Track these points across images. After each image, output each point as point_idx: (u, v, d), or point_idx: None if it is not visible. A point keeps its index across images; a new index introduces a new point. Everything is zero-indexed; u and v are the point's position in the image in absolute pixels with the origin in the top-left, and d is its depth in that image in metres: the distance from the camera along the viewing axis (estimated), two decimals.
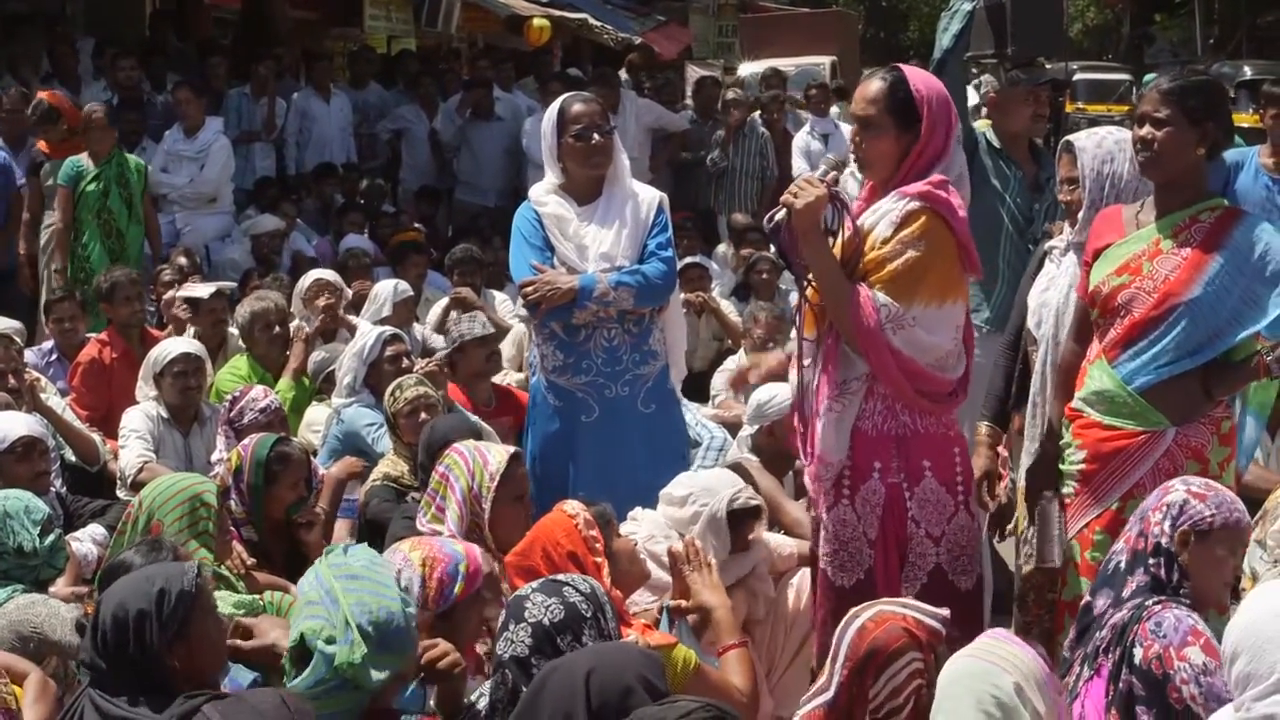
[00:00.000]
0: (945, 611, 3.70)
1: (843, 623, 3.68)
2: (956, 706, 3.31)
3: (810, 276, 4.44)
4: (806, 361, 4.53)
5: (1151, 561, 3.90)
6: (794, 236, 4.40)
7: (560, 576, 3.67)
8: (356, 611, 3.39)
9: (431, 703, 3.74)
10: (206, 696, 3.34)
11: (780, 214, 4.40)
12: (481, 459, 4.80)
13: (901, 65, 4.55)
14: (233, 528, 5.07)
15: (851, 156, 4.78)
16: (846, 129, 10.00)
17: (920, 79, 4.45)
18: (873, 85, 4.46)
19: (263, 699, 3.29)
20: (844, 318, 4.35)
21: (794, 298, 4.95)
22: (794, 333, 4.66)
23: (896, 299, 4.30)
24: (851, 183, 7.67)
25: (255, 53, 13.32)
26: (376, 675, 3.37)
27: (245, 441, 5.47)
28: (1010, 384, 5.29)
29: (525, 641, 3.42)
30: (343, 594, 3.43)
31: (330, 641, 3.37)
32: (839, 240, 4.40)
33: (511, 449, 4.94)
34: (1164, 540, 3.89)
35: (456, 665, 3.66)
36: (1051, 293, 5.05)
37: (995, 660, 3.33)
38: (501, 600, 4.00)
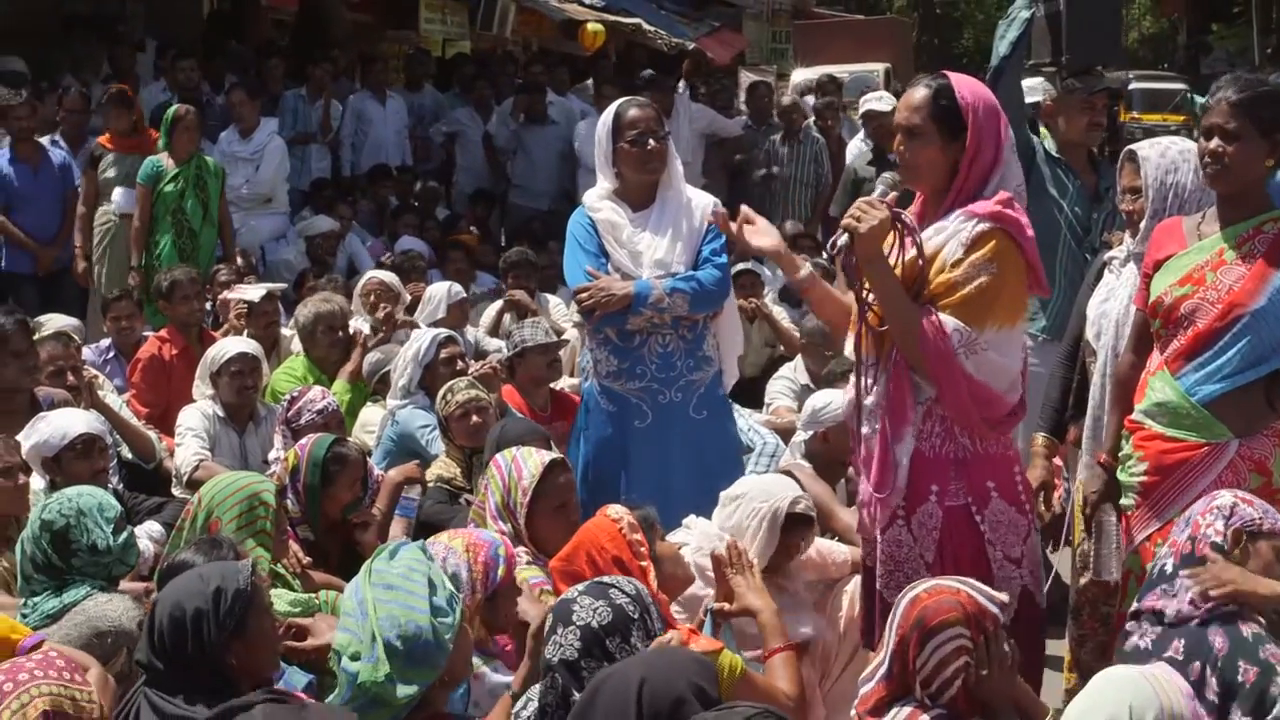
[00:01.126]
0: (1004, 596, 3.71)
1: (900, 595, 3.78)
2: (1097, 703, 3.37)
3: (871, 300, 4.35)
4: (867, 382, 4.42)
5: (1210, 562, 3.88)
6: (857, 261, 4.30)
7: (606, 579, 3.68)
8: (386, 625, 3.39)
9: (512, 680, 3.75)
10: (268, 696, 3.36)
11: (843, 239, 4.29)
12: (517, 472, 4.79)
13: (949, 72, 4.43)
14: (289, 527, 5.11)
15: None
16: None
17: (967, 87, 4.32)
18: (917, 93, 4.34)
19: (322, 713, 3.31)
20: (912, 343, 4.23)
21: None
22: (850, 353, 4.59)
23: (970, 323, 4.19)
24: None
25: (312, 55, 13.42)
26: (404, 690, 3.37)
27: (303, 441, 5.50)
28: (1067, 395, 5.26)
29: (574, 645, 3.43)
30: (374, 606, 3.43)
31: (355, 658, 3.38)
32: (900, 262, 4.29)
33: (550, 456, 4.91)
34: (1218, 539, 3.88)
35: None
36: (1111, 303, 5.02)
37: (1156, 686, 3.35)
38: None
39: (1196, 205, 4.71)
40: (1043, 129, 6.72)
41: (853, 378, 4.51)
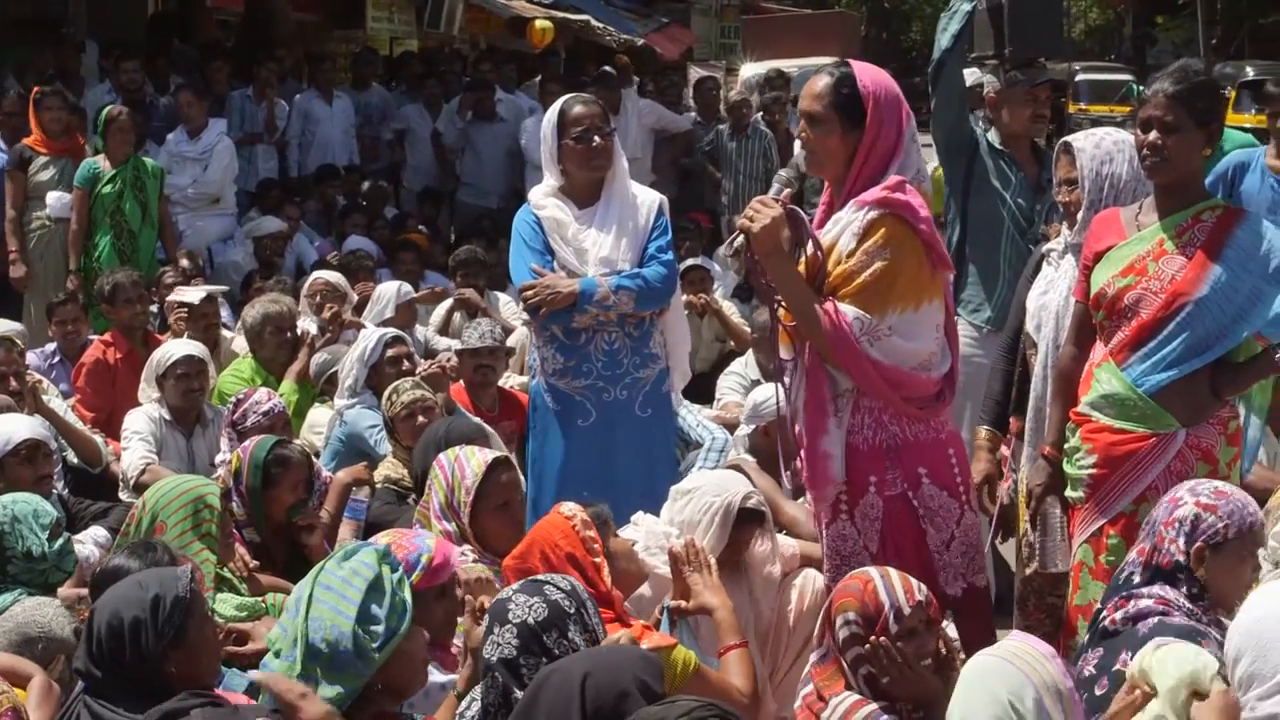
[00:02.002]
0: (907, 607, 3.74)
1: None
2: (972, 704, 3.31)
3: (779, 297, 4.38)
4: (787, 380, 4.47)
5: (1178, 577, 3.85)
6: (757, 259, 4.33)
7: (540, 576, 3.67)
8: (313, 626, 3.34)
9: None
10: (202, 700, 3.33)
11: (739, 239, 4.33)
12: (460, 472, 4.78)
13: (852, 61, 4.46)
14: (235, 530, 5.08)
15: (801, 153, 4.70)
16: None
17: (869, 75, 4.35)
18: (820, 81, 4.37)
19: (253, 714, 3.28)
20: (817, 335, 4.28)
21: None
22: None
23: (869, 310, 4.23)
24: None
25: (257, 54, 13.33)
26: (322, 692, 3.32)
27: (245, 444, 5.47)
28: (1009, 387, 5.27)
29: (512, 643, 3.43)
30: (309, 605, 3.38)
31: (278, 655, 3.34)
32: (802, 256, 4.32)
33: (493, 455, 4.91)
34: (1180, 558, 3.85)
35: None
36: (1051, 295, 5.03)
37: (1021, 666, 3.32)
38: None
39: (1132, 195, 4.74)
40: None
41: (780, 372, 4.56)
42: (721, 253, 4.52)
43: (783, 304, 4.38)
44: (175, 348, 6.96)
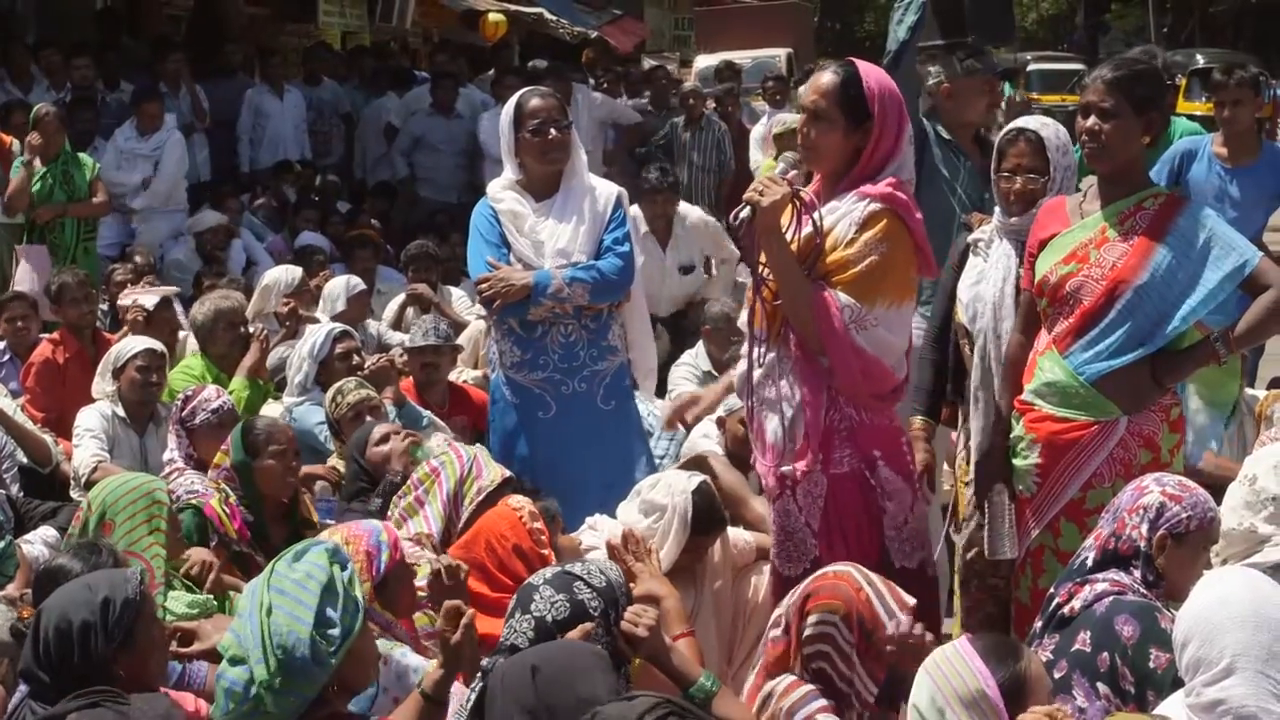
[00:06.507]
0: (899, 614, 3.72)
1: (832, 566, 3.89)
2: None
3: (767, 275, 4.43)
4: (757, 353, 4.49)
5: (1132, 564, 3.86)
6: (755, 234, 4.38)
7: (576, 567, 3.62)
8: (270, 633, 3.30)
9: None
10: (83, 704, 3.27)
11: (745, 211, 4.37)
12: (477, 470, 4.83)
13: (856, 60, 4.52)
14: (234, 510, 5.11)
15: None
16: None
17: (874, 76, 4.42)
18: (825, 77, 4.43)
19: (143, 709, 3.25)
20: (804, 318, 4.33)
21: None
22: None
23: (859, 300, 4.29)
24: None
25: (209, 50, 13.24)
26: (279, 700, 3.29)
27: None
28: (940, 377, 5.29)
29: (527, 634, 3.45)
30: (265, 611, 3.34)
31: (235, 662, 3.31)
32: (798, 238, 4.37)
33: (507, 473, 4.95)
34: (1142, 544, 3.86)
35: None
36: (984, 285, 5.02)
37: (936, 677, 3.32)
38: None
39: (1073, 185, 4.81)
40: None
41: (744, 350, 4.58)
42: (729, 220, 4.54)
43: (768, 282, 4.42)
44: (135, 342, 6.90)
